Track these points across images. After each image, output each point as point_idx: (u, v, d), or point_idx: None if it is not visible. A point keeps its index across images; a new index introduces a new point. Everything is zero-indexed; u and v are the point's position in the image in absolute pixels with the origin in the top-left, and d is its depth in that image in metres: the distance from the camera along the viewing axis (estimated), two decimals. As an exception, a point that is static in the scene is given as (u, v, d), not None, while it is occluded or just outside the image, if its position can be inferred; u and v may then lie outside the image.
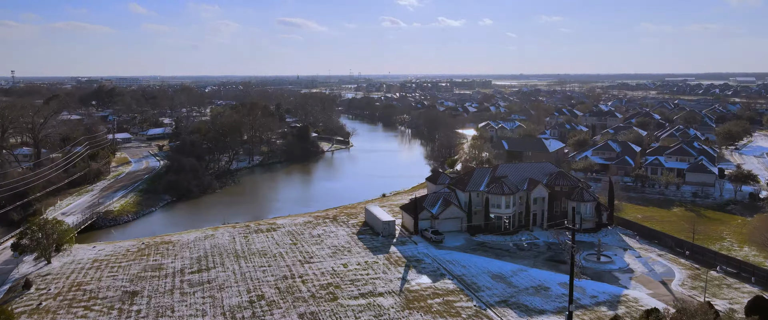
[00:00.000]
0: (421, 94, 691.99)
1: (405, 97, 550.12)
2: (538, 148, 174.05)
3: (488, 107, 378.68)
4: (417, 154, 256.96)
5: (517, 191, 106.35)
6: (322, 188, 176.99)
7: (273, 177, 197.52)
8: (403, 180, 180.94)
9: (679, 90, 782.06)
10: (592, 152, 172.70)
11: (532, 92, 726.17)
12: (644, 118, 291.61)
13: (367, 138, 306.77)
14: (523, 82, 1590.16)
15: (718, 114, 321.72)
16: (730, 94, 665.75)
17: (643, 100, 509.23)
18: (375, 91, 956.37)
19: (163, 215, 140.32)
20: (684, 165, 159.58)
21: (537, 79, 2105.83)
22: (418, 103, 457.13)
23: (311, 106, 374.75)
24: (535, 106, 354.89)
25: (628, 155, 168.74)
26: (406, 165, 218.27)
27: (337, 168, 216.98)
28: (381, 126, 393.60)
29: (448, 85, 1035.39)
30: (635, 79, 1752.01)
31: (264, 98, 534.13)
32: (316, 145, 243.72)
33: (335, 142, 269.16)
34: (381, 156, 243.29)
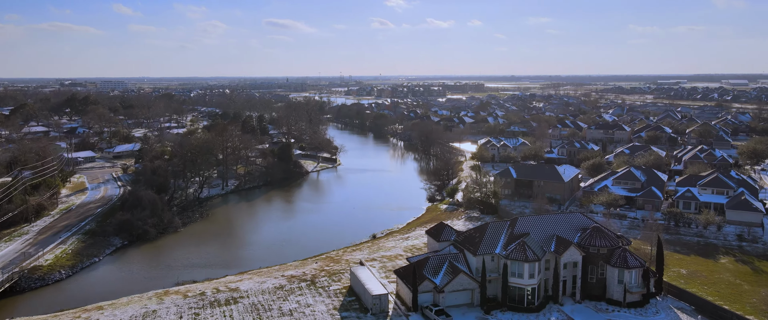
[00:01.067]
0: (413, 100, 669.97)
1: (397, 104, 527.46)
2: (551, 176, 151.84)
3: (485, 117, 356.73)
4: (411, 173, 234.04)
5: (543, 255, 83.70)
6: (303, 224, 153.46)
7: (248, 209, 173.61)
8: (396, 214, 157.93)
9: (677, 95, 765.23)
10: (613, 181, 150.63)
11: (527, 98, 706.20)
12: (654, 131, 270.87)
13: (357, 153, 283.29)
14: (515, 85, 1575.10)
15: (731, 125, 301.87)
16: (729, 99, 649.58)
17: (643, 107, 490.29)
18: (366, 95, 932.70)
19: (107, 269, 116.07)
20: (721, 198, 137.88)
21: (529, 80, 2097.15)
22: (411, 111, 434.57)
23: (296, 119, 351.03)
24: (535, 118, 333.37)
25: (654, 185, 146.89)
26: (399, 190, 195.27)
27: (321, 195, 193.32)
28: (372, 137, 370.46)
29: (440, 88, 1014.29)
30: (627, 81, 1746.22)
31: (248, 106, 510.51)
32: (300, 165, 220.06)
33: (321, 161, 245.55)
34: (371, 178, 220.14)
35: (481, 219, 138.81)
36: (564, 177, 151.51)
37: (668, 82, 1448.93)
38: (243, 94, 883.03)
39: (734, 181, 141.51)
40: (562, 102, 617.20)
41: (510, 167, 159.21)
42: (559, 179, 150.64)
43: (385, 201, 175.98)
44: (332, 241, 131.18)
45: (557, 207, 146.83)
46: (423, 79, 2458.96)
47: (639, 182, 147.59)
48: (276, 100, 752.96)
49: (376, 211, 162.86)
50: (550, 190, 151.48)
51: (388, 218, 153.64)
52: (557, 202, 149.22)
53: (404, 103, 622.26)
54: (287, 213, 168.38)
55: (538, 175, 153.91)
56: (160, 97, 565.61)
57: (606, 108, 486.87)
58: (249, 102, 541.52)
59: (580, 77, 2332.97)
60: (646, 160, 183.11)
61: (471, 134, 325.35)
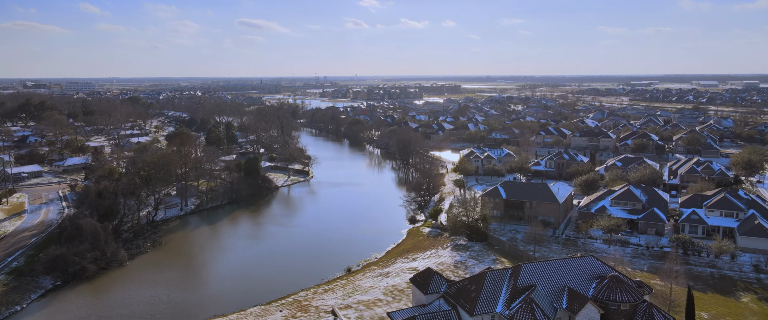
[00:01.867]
0: (390, 103, 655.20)
1: (373, 108, 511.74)
2: (544, 196, 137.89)
3: (465, 123, 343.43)
4: (389, 186, 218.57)
5: (554, 314, 68.90)
6: (269, 253, 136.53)
7: (209, 233, 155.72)
8: (374, 239, 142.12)
9: (652, 97, 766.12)
10: (611, 201, 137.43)
11: (504, 100, 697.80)
12: (641, 139, 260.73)
13: (331, 163, 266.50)
14: (491, 85, 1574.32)
15: (717, 132, 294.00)
16: (704, 101, 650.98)
17: (623, 111, 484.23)
18: (341, 98, 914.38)
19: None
20: (731, 221, 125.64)
21: (504, 81, 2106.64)
22: (388, 116, 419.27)
23: (266, 126, 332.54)
24: (517, 124, 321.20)
25: (657, 206, 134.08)
26: (376, 208, 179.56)
27: (291, 215, 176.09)
28: (347, 144, 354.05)
29: (417, 90, 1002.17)
30: (600, 82, 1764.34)
31: (218, 110, 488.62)
32: (268, 180, 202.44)
33: (292, 173, 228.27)
34: (346, 193, 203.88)
35: (469, 249, 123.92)
36: (558, 198, 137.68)
37: (641, 83, 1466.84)
38: (214, 96, 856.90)
39: (743, 202, 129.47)
40: (541, 105, 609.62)
41: (499, 186, 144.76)
42: (552, 200, 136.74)
43: (362, 222, 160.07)
44: (301, 276, 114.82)
45: (552, 232, 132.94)
46: (399, 80, 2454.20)
47: (640, 203, 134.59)
48: (248, 103, 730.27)
49: (352, 235, 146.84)
50: (543, 212, 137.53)
51: (364, 244, 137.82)
52: (551, 226, 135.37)
53: (380, 106, 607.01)
54: (252, 239, 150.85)
55: (529, 195, 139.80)
56: (124, 101, 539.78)
57: (585, 112, 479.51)
58: (219, 106, 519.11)
59: (554, 78, 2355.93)
60: (640, 174, 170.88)
61: (451, 141, 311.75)
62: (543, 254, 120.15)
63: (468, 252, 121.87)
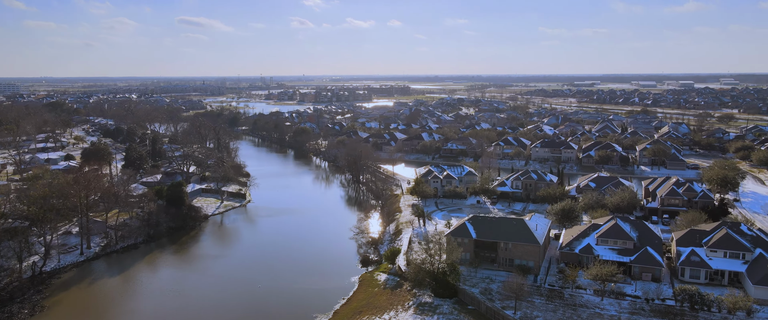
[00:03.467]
0: (338, 107, 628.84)
1: (320, 114, 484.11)
2: (520, 236, 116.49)
3: (418, 132, 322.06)
4: (337, 209, 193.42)
5: None
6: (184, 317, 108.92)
7: (116, 287, 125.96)
8: (318, 295, 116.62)
9: (599, 98, 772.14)
10: (597, 239, 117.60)
11: (455, 103, 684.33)
12: (605, 150, 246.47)
13: (273, 182, 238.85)
14: (439, 86, 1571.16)
15: (675, 139, 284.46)
16: (650, 103, 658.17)
17: (575, 115, 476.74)
18: (288, 100, 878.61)
19: None
20: (737, 264, 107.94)
21: (452, 81, 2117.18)
22: (336, 123, 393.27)
23: (201, 137, 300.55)
24: (474, 134, 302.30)
25: (650, 244, 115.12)
26: (323, 243, 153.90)
27: (220, 256, 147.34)
28: (292, 155, 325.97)
29: (366, 92, 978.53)
30: (545, 82, 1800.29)
31: (151, 116, 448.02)
32: (195, 209, 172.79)
33: (226, 197, 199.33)
34: (287, 223, 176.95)
35: (436, 310, 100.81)
36: (537, 236, 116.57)
37: (584, 83, 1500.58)
38: (150, 99, 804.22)
39: (748, 239, 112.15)
40: (493, 108, 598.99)
41: (467, 224, 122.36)
42: (531, 240, 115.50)
43: (304, 266, 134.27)
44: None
45: (533, 279, 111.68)
46: (347, 80, 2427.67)
47: (630, 241, 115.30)
48: (188, 107, 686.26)
49: (291, 290, 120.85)
50: (520, 254, 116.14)
51: (306, 301, 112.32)
52: (531, 271, 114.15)
53: (328, 110, 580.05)
54: (163, 299, 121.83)
55: (504, 234, 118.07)
56: (43, 107, 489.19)
57: (539, 116, 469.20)
58: (151, 112, 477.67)
59: (501, 77, 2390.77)
60: (619, 198, 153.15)
61: (405, 152, 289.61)
62: (525, 313, 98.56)
63: (435, 315, 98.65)
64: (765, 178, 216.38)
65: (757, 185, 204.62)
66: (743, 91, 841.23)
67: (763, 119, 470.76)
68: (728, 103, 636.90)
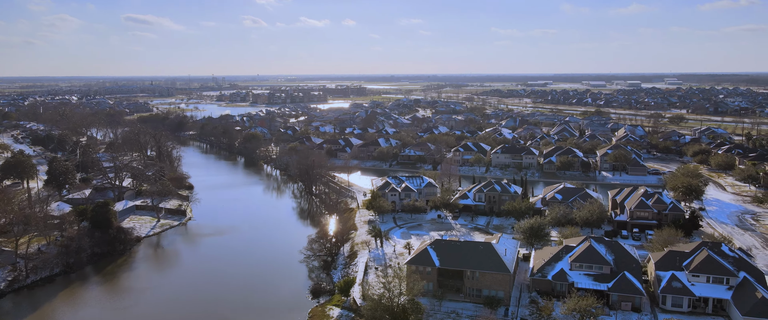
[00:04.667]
0: (292, 108, 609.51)
1: (273, 118, 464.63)
2: (489, 264, 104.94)
3: (375, 137, 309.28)
4: (288, 225, 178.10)
5: None
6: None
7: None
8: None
9: (553, 99, 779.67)
10: (571, 264, 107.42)
11: (412, 104, 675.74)
12: (566, 156, 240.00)
13: (219, 194, 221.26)
14: (395, 85, 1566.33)
15: (633, 143, 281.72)
16: (602, 103, 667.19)
17: (532, 117, 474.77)
18: (240, 102, 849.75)
19: None
20: (721, 289, 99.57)
21: (408, 80, 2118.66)
22: (289, 127, 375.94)
23: (142, 145, 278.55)
24: (432, 138, 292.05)
25: (628, 269, 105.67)
26: (270, 267, 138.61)
27: (147, 288, 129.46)
28: (242, 163, 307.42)
29: (321, 92, 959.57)
30: (499, 81, 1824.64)
31: (89, 122, 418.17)
32: (125, 231, 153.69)
33: (164, 215, 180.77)
34: (232, 243, 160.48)
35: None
36: (507, 263, 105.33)
37: (537, 83, 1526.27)
38: (93, 101, 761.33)
39: (730, 261, 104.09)
40: (449, 109, 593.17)
41: (429, 249, 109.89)
42: (500, 267, 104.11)
43: (247, 302, 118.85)
44: None
45: (504, 312, 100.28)
46: (303, 79, 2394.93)
47: (607, 265, 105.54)
48: (132, 110, 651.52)
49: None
50: (488, 284, 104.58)
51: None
52: (501, 303, 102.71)
53: (282, 113, 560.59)
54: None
55: (470, 261, 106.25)
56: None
57: (497, 118, 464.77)
58: (89, 116, 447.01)
59: (456, 77, 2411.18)
60: (587, 212, 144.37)
61: (361, 159, 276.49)
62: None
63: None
64: (725, 184, 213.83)
65: (719, 191, 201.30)
66: (688, 91, 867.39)
67: (711, 119, 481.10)
68: (676, 103, 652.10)
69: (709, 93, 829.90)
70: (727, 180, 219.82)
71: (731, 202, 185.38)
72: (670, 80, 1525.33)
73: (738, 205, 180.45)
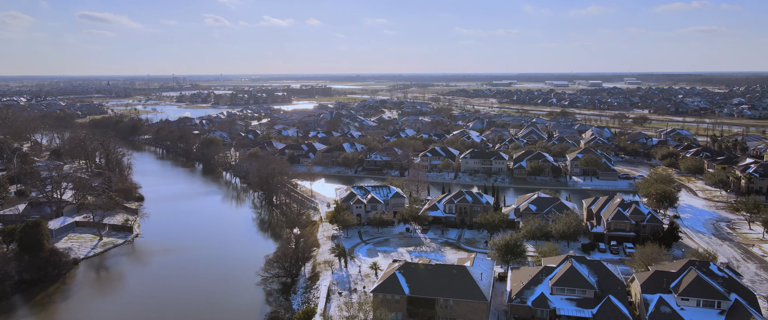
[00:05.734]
0: (255, 110, 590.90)
1: (233, 121, 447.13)
2: (464, 290, 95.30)
3: (339, 141, 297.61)
4: (245, 242, 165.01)
5: None
6: None
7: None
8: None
9: (519, 99, 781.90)
10: (552, 287, 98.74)
11: (377, 105, 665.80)
12: (536, 160, 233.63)
13: (172, 206, 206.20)
14: (361, 85, 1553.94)
15: (602, 146, 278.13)
16: (567, 104, 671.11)
17: (499, 118, 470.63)
18: (201, 103, 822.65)
19: None
20: (713, 314, 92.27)
21: (374, 80, 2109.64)
22: (250, 131, 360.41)
23: (89, 151, 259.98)
24: (398, 143, 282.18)
25: (612, 292, 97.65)
26: (223, 293, 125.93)
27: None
28: (200, 170, 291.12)
29: (285, 93, 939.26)
30: (464, 80, 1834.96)
31: (33, 126, 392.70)
32: (59, 253, 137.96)
33: (108, 232, 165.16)
34: (183, 263, 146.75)
35: None
36: (483, 288, 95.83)
37: (502, 83, 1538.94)
38: (43, 102, 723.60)
39: (719, 282, 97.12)
40: (416, 110, 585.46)
41: (398, 274, 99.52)
42: (475, 294, 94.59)
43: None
44: None
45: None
46: (267, 79, 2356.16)
47: (590, 289, 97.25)
48: (85, 112, 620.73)
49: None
50: (463, 313, 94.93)
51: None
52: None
53: (243, 115, 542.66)
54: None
55: (443, 288, 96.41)
56: None
57: (464, 120, 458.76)
58: (39, 120, 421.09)
59: (422, 76, 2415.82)
60: (564, 224, 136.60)
61: (325, 165, 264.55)
62: None
63: None
64: (696, 188, 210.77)
65: (691, 197, 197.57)
66: (648, 91, 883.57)
67: (673, 120, 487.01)
68: (638, 103, 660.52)
69: (669, 93, 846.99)
70: (696, 184, 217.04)
71: (705, 209, 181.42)
72: (630, 80, 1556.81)
73: (712, 212, 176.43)
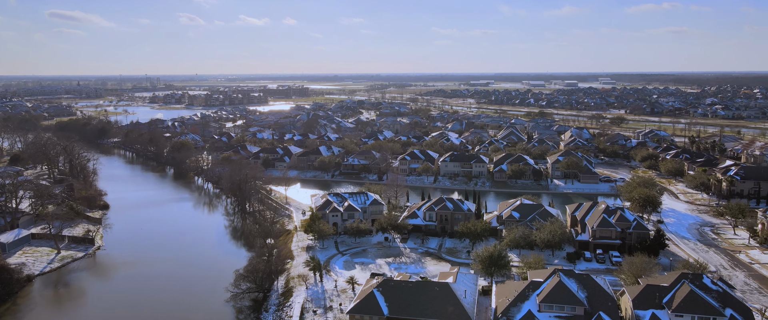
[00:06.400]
0: (230, 112, 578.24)
1: (206, 124, 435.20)
2: (446, 311, 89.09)
3: (316, 144, 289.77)
4: (216, 255, 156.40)
5: None
6: None
7: None
8: None
9: (497, 99, 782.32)
10: (540, 304, 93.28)
11: (355, 106, 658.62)
12: (517, 163, 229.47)
13: (139, 214, 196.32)
14: (339, 85, 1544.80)
15: (585, 148, 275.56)
16: (544, 104, 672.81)
17: (477, 119, 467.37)
18: (175, 104, 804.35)
19: None
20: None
21: (352, 80, 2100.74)
22: (224, 133, 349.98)
23: (51, 158, 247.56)
24: (376, 146, 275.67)
25: (603, 309, 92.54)
26: (190, 311, 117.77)
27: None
28: (172, 175, 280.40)
29: (261, 94, 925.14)
30: (442, 80, 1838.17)
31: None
32: (10, 270, 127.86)
33: (68, 245, 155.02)
34: (148, 278, 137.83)
35: None
36: (467, 307, 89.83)
37: (479, 83, 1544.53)
38: (8, 104, 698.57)
39: (714, 296, 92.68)
40: (394, 110, 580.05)
41: (376, 293, 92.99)
42: (459, 314, 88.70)
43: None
44: None
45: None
46: (244, 79, 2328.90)
47: (580, 305, 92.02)
48: (53, 114, 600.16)
49: None
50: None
51: None
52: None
53: (218, 117, 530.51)
54: None
55: (424, 308, 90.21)
56: None
57: (443, 121, 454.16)
58: (1, 122, 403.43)
59: (399, 76, 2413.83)
60: (548, 233, 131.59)
61: (301, 169, 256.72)
62: None
63: None
64: (677, 191, 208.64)
65: (673, 200, 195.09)
66: (624, 91, 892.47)
67: (649, 120, 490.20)
68: (614, 103, 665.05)
69: (643, 93, 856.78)
70: (677, 187, 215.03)
71: (687, 212, 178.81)
72: (604, 80, 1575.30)
73: (695, 216, 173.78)
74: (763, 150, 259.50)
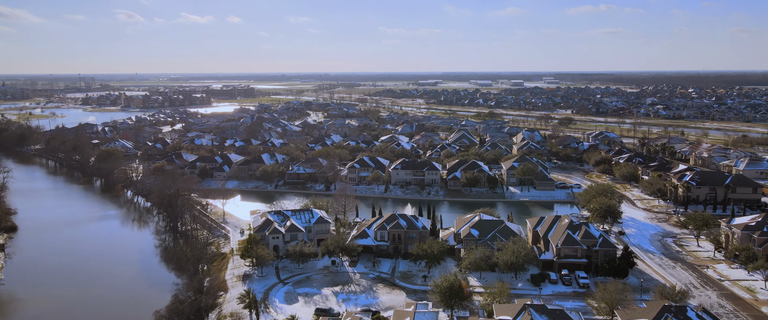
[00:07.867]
0: (169, 115, 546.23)
1: (140, 128, 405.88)
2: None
3: (259, 151, 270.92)
4: (140, 286, 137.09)
5: None
6: None
7: None
8: None
9: (446, 100, 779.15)
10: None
11: (303, 107, 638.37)
12: (471, 171, 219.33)
13: (56, 234, 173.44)
14: (286, 85, 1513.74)
15: (538, 153, 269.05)
16: (493, 104, 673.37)
17: (428, 121, 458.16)
18: (110, 106, 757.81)
19: None
20: (695, 375, 77.67)
21: (299, 79, 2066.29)
22: (159, 140, 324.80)
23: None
24: (323, 152, 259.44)
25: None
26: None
27: None
28: (99, 187, 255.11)
29: (204, 95, 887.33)
30: (390, 80, 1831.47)
31: None
32: None
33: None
34: (55, 315, 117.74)
35: None
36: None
37: (427, 82, 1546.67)
38: None
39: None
40: (342, 112, 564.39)
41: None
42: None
43: None
44: None
45: None
46: (187, 78, 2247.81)
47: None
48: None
49: None
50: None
51: None
52: None
53: (155, 120, 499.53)
54: None
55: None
56: None
57: (393, 123, 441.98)
58: None
59: (348, 76, 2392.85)
60: (510, 253, 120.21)
61: (242, 180, 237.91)
62: None
63: None
64: (633, 197, 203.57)
65: (631, 208, 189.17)
66: (568, 91, 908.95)
67: (596, 120, 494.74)
68: (560, 103, 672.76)
69: (587, 92, 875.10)
70: (633, 192, 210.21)
71: (647, 221, 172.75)
72: (548, 79, 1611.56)
73: (655, 225, 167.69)
74: (710, 151, 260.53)
